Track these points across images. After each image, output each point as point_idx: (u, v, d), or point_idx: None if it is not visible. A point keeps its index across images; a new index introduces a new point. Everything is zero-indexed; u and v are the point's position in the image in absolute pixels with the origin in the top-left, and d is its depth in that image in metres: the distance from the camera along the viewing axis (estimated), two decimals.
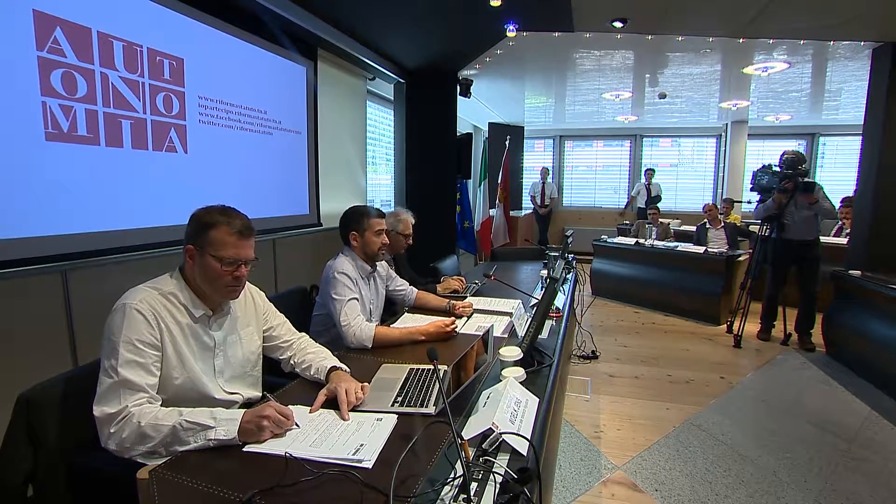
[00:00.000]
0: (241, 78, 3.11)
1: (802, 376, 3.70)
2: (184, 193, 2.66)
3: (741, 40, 4.52)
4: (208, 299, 1.38)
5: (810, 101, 7.17)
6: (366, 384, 1.43)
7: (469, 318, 2.22)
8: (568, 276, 3.22)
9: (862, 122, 4.62)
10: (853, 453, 2.66)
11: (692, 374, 3.66)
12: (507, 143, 7.18)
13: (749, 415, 3.09)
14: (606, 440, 2.73)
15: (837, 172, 8.66)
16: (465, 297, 2.55)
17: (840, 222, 5.79)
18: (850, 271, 3.94)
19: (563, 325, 2.15)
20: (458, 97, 5.32)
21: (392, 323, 2.18)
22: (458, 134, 5.57)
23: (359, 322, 1.90)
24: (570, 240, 3.38)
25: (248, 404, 1.43)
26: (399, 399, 1.41)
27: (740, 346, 4.24)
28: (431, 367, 1.60)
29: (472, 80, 5.31)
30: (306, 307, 2.36)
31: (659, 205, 8.20)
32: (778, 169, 4.29)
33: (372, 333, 1.87)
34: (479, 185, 7.16)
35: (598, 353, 3.91)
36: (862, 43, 4.53)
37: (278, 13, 3.10)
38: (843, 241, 5.25)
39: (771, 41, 4.54)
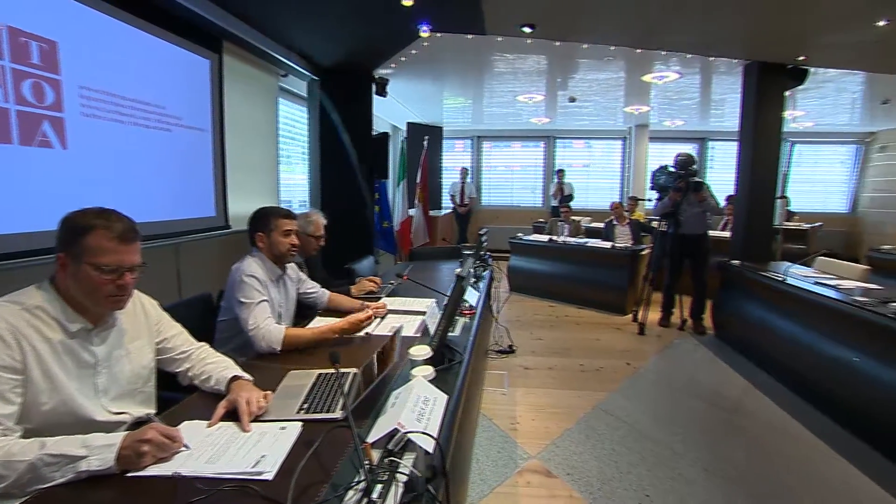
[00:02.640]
0: (133, 69, 2.85)
1: (695, 357, 4.08)
2: (63, 194, 2.39)
3: (638, 50, 4.88)
4: (88, 311, 1.25)
5: (700, 108, 7.90)
6: (269, 392, 1.37)
7: (383, 319, 2.20)
8: (483, 273, 3.30)
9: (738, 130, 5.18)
10: (734, 422, 2.98)
11: (601, 362, 3.90)
12: (425, 143, 7.22)
13: (650, 396, 3.35)
14: (522, 431, 2.83)
15: (724, 174, 9.61)
16: (380, 298, 2.53)
17: (726, 218, 6.44)
18: (732, 261, 4.40)
19: (475, 322, 2.20)
20: (375, 96, 5.27)
21: (304, 326, 2.11)
22: (374, 133, 5.52)
23: (268, 325, 1.83)
24: (484, 239, 3.46)
25: (138, 424, 1.32)
26: (305, 406, 1.37)
27: (644, 333, 4.59)
28: (342, 371, 1.59)
29: (387, 80, 5.29)
30: (212, 314, 2.22)
31: (571, 203, 8.67)
32: (673, 169, 4.69)
33: (281, 336, 1.81)
34: (398, 185, 7.14)
35: (514, 348, 4.05)
36: (735, 60, 5.07)
37: (177, 0, 2.89)
38: (728, 234, 5.85)
39: (663, 53, 4.94)
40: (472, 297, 2.55)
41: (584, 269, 5.54)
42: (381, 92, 5.25)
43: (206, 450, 1.13)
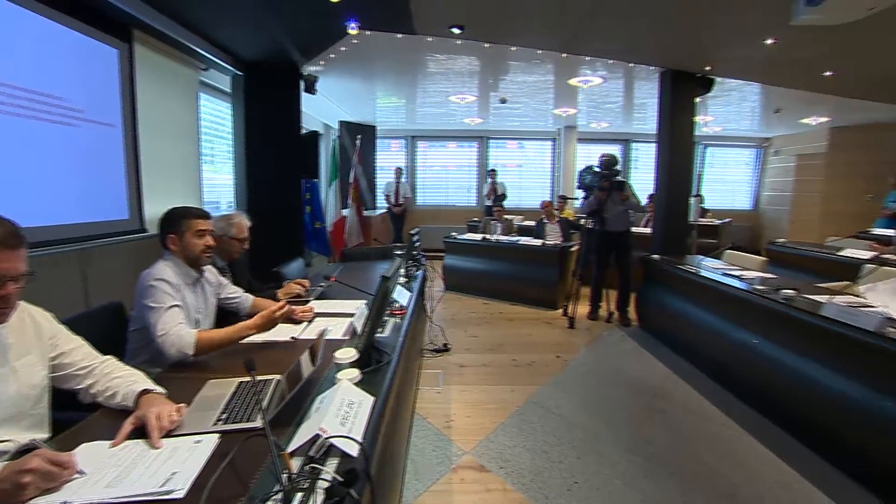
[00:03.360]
0: (26, 55, 2.58)
1: (621, 348, 4.30)
2: None
3: (564, 55, 5.07)
4: None
5: (623, 112, 8.34)
6: (182, 405, 1.29)
7: (311, 322, 2.14)
8: (416, 273, 3.30)
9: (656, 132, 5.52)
10: (655, 406, 3.17)
11: (533, 356, 4.01)
12: (357, 142, 7.12)
13: (579, 386, 3.49)
14: (457, 428, 2.85)
15: (647, 174, 10.19)
16: (308, 302, 2.46)
17: (648, 215, 6.85)
18: (653, 256, 4.68)
19: (406, 322, 2.19)
20: (304, 94, 5.11)
21: None
22: (304, 132, 5.36)
23: (178, 330, 1.71)
24: (416, 238, 3.46)
25: (23, 453, 1.19)
26: (224, 416, 1.30)
27: (574, 327, 4.77)
28: (264, 378, 1.53)
29: (316, 77, 5.15)
30: (125, 325, 2.06)
31: (505, 203, 8.87)
32: (598, 169, 4.92)
33: (193, 339, 1.71)
34: (330, 185, 6.99)
35: (449, 346, 4.08)
36: (652, 67, 5.40)
37: None
38: (650, 230, 6.22)
39: (587, 58, 5.17)
40: (403, 297, 2.54)
41: (516, 267, 5.69)
42: (311, 90, 5.11)
43: (107, 473, 1.04)
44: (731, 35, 4.29)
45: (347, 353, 1.53)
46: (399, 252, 3.33)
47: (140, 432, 1.19)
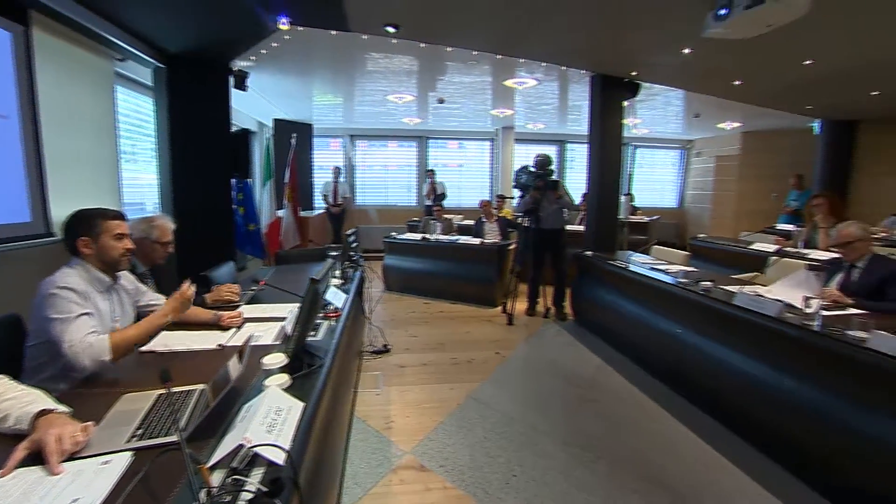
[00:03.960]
0: None
1: (557, 342, 4.44)
2: None
3: (499, 56, 5.17)
4: None
5: (558, 113, 8.63)
6: (89, 424, 1.19)
7: (240, 328, 2.05)
8: (353, 274, 3.25)
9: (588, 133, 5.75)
10: (588, 396, 3.30)
11: (473, 354, 4.06)
12: (293, 140, 6.90)
13: (517, 381, 3.57)
14: (397, 429, 2.84)
15: (582, 174, 10.59)
16: (238, 307, 2.35)
17: (582, 213, 7.12)
18: (586, 253, 4.87)
19: (341, 324, 2.15)
20: (234, 90, 4.89)
21: (149, 343, 1.87)
22: (234, 130, 5.12)
23: (88, 338, 1.59)
24: (352, 239, 3.40)
25: None
26: (139, 432, 1.22)
27: (512, 323, 4.88)
28: (187, 389, 1.45)
29: (247, 73, 4.94)
30: (24, 340, 1.87)
31: (445, 202, 8.92)
32: (533, 169, 5.05)
33: (107, 343, 1.59)
34: (265, 185, 6.74)
35: (389, 347, 4.05)
36: (583, 71, 5.63)
37: None
38: (583, 228, 6.47)
39: (521, 60, 5.30)
40: (338, 299, 2.49)
41: (456, 266, 5.74)
42: (241, 85, 4.90)
43: None
44: (652, 43, 4.54)
45: (276, 359, 1.49)
46: (334, 253, 3.25)
47: (38, 458, 1.08)
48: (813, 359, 2.35)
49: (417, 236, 6.26)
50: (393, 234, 6.35)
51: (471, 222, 7.12)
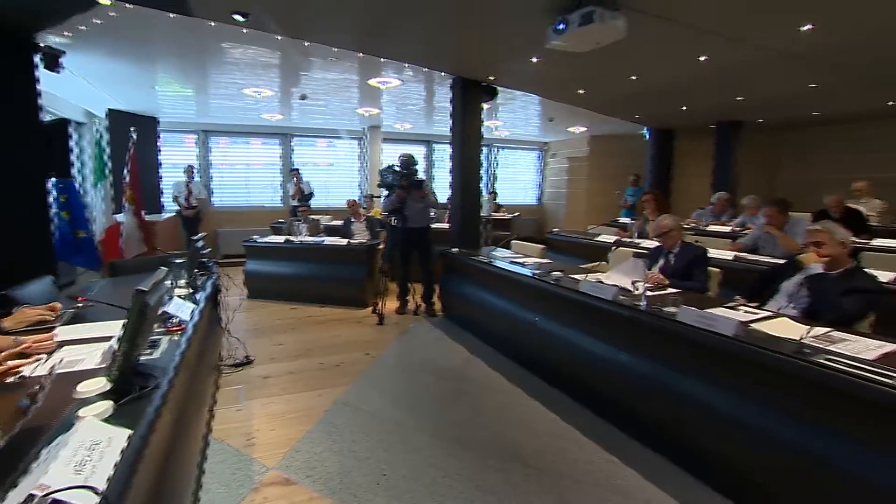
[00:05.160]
0: None
1: (427, 338, 4.54)
2: None
3: (360, 55, 5.11)
4: None
5: (425, 114, 8.80)
6: None
7: (52, 353, 1.75)
8: (205, 283, 2.98)
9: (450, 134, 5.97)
10: (457, 388, 3.42)
11: (342, 357, 3.98)
12: (132, 135, 6.11)
13: (387, 381, 3.57)
14: (260, 444, 2.67)
15: (448, 173, 10.99)
16: (54, 328, 2.01)
17: (450, 212, 7.36)
18: (452, 249, 5.04)
19: (185, 338, 1.95)
20: (44, 71, 4.14)
21: None
22: (48, 119, 4.37)
23: None
24: (200, 244, 3.11)
25: None
26: None
27: (383, 323, 4.87)
28: None
29: (61, 51, 4.23)
30: None
31: (313, 202, 8.60)
32: (398, 169, 5.09)
33: None
34: (97, 186, 5.88)
35: (251, 358, 3.79)
36: (444, 73, 5.82)
37: None
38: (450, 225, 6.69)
39: (383, 60, 5.30)
40: (184, 310, 2.26)
41: (323, 268, 5.57)
42: (52, 66, 4.17)
43: None
44: (505, 51, 4.86)
45: (94, 385, 1.30)
46: (179, 260, 2.94)
47: None
48: (642, 334, 2.71)
49: (281, 238, 5.94)
50: (254, 237, 5.95)
51: (339, 223, 6.96)
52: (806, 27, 3.93)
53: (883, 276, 3.15)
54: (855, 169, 7.54)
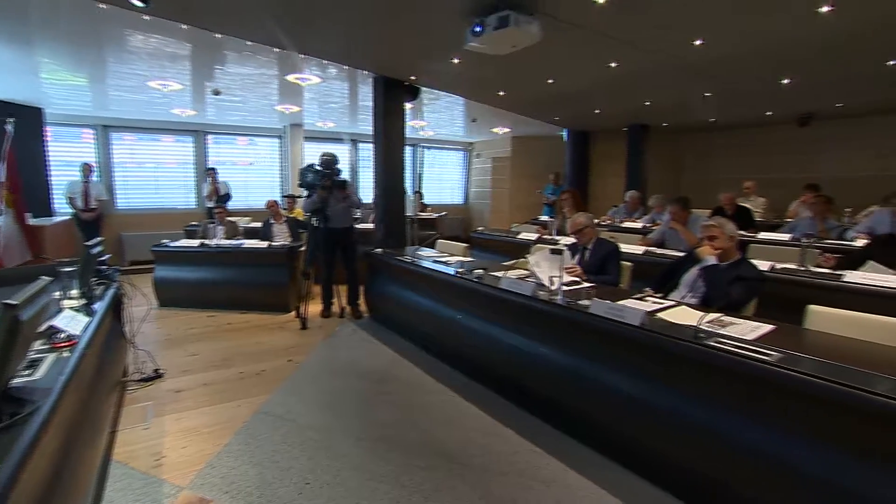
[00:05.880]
0: None
1: (352, 340, 4.46)
2: None
3: (276, 49, 4.91)
4: None
5: (349, 112, 8.62)
6: None
7: None
8: (104, 293, 2.73)
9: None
10: (382, 389, 3.39)
11: (263, 365, 3.81)
12: (8, 127, 5.43)
13: (312, 386, 3.46)
14: (170, 464, 2.48)
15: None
16: None
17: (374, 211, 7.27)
18: (376, 249, 4.99)
19: (76, 354, 1.77)
20: None
21: None
22: None
23: None
24: (95, 251, 2.84)
25: None
26: None
27: (307, 327, 4.71)
28: None
29: None
30: None
31: (231, 203, 8.16)
32: (319, 168, 4.95)
33: None
34: None
35: (162, 372, 3.53)
36: (366, 72, 5.74)
37: None
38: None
39: (302, 56, 5.13)
40: (75, 324, 2.06)
41: (243, 272, 5.29)
42: None
43: None
44: (426, 51, 4.87)
45: None
46: (69, 269, 2.67)
47: None
48: (559, 327, 2.83)
49: (196, 242, 5.57)
50: (165, 241, 5.54)
51: (259, 224, 6.66)
52: (697, 42, 4.29)
53: (764, 265, 3.51)
54: (744, 170, 8.38)
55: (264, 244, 5.48)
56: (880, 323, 2.19)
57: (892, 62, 4.79)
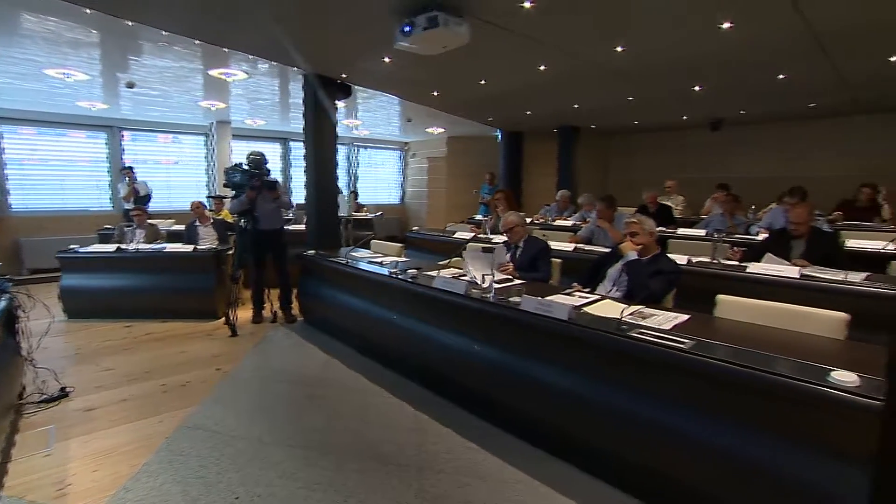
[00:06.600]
0: None
1: (284, 345, 4.31)
2: None
3: (197, 42, 4.65)
4: None
5: (280, 110, 8.32)
6: None
7: None
8: None
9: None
10: (315, 394, 3.31)
11: (188, 375, 3.59)
12: None
13: (241, 396, 3.31)
14: (77, 492, 2.28)
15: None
16: None
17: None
18: (308, 251, 4.85)
19: None
20: None
21: None
22: None
23: None
24: None
25: None
26: None
27: (236, 334, 4.50)
28: None
29: None
30: None
31: (152, 205, 7.62)
32: (247, 168, 4.74)
33: None
34: None
35: (69, 390, 3.23)
36: (295, 69, 5.57)
37: None
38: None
39: (225, 50, 4.89)
40: None
41: (164, 278, 4.95)
42: None
43: None
44: (357, 49, 4.80)
45: None
46: None
47: None
48: (492, 323, 2.88)
49: (110, 247, 5.15)
50: (73, 246, 5.08)
51: (183, 227, 6.27)
52: (619, 48, 4.53)
53: (681, 259, 3.76)
54: (665, 170, 8.94)
55: (189, 248, 5.17)
56: (778, 309, 2.41)
57: (782, 76, 5.30)
